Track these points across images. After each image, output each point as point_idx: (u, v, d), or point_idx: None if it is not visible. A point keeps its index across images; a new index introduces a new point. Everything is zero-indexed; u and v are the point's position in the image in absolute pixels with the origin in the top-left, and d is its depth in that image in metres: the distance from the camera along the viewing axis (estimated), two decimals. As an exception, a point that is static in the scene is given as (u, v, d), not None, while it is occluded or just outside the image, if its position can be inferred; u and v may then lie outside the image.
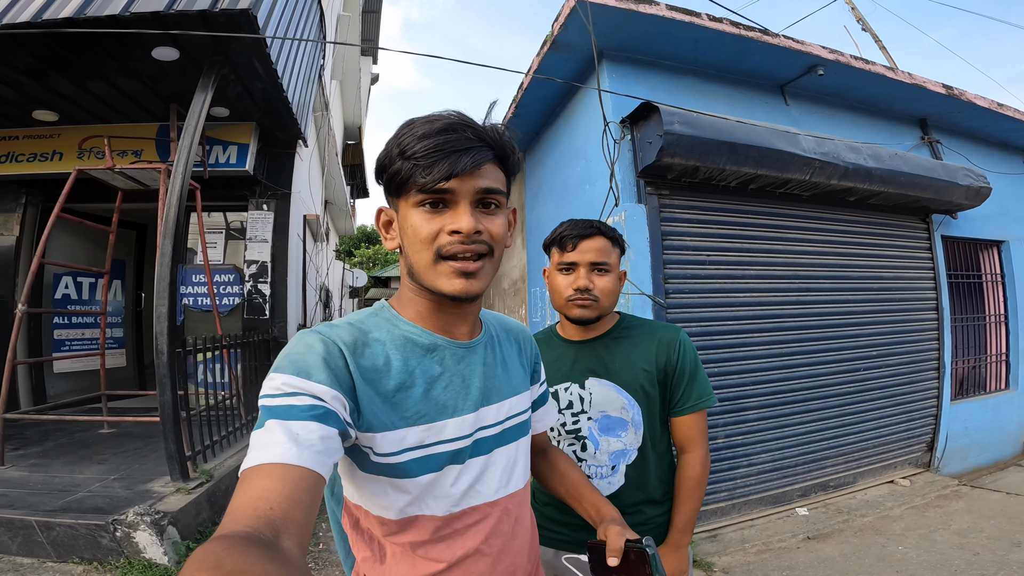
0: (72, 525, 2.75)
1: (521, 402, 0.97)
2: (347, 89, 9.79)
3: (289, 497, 0.56)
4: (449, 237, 0.76)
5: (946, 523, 3.49)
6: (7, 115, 4.65)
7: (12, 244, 5.13)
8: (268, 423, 0.63)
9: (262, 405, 0.67)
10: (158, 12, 3.14)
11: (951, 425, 4.55)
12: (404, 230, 0.79)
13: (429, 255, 0.77)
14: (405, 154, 0.74)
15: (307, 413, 0.64)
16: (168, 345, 3.23)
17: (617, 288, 1.40)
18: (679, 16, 3.33)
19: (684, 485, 1.37)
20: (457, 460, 0.83)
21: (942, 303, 4.60)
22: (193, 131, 3.46)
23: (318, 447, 0.62)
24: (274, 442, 0.61)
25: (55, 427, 4.61)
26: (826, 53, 3.81)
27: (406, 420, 0.78)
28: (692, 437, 1.38)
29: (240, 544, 0.47)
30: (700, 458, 1.37)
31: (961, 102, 4.52)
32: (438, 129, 0.74)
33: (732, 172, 3.43)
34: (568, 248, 1.36)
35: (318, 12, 5.13)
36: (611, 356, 1.41)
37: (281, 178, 5.54)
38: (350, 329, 0.78)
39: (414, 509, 0.80)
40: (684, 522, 1.36)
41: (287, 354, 0.72)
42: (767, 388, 3.74)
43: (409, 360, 0.81)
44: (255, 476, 0.58)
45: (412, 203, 0.77)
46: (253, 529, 0.51)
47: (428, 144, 0.73)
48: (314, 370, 0.69)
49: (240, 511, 0.54)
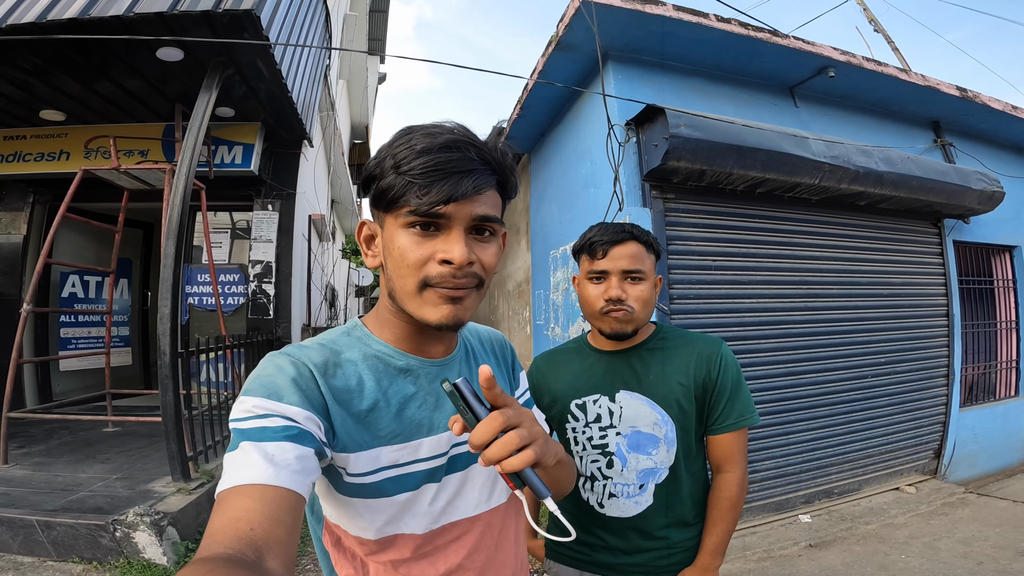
0: (72, 525, 2.77)
1: None
2: (354, 88, 9.80)
3: (270, 517, 0.55)
4: (439, 267, 0.70)
5: (951, 531, 3.45)
6: (15, 115, 4.69)
7: (19, 243, 5.18)
8: (242, 445, 0.62)
9: (234, 428, 0.65)
10: (162, 13, 3.15)
11: (959, 432, 4.49)
12: (389, 250, 0.73)
13: (414, 282, 0.71)
14: (400, 168, 0.68)
15: (280, 434, 0.63)
16: (170, 346, 3.24)
17: (653, 297, 1.31)
18: (686, 16, 3.29)
19: (718, 506, 1.28)
20: (434, 478, 0.81)
21: (953, 309, 4.53)
22: (197, 131, 3.47)
23: (295, 466, 0.61)
24: (250, 463, 0.59)
25: (60, 425, 4.65)
26: (837, 54, 3.76)
27: (379, 440, 0.76)
28: (730, 456, 1.29)
29: (223, 566, 0.46)
30: (738, 479, 1.29)
31: (975, 104, 4.44)
32: (440, 145, 0.68)
33: (739, 176, 3.38)
34: (598, 255, 1.28)
35: (323, 12, 5.13)
36: (646, 369, 1.32)
37: (286, 178, 5.55)
38: (321, 350, 0.76)
39: (392, 528, 0.78)
40: (716, 544, 1.28)
41: (256, 376, 0.69)
42: (772, 395, 3.70)
43: (382, 380, 0.79)
44: (233, 497, 0.57)
45: (401, 222, 0.71)
46: (235, 551, 0.50)
47: (427, 161, 0.67)
48: (285, 392, 0.67)
49: (220, 533, 0.52)
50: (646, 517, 1.30)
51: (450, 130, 0.71)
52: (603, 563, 1.34)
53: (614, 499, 1.32)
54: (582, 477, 1.37)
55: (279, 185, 5.47)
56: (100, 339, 5.69)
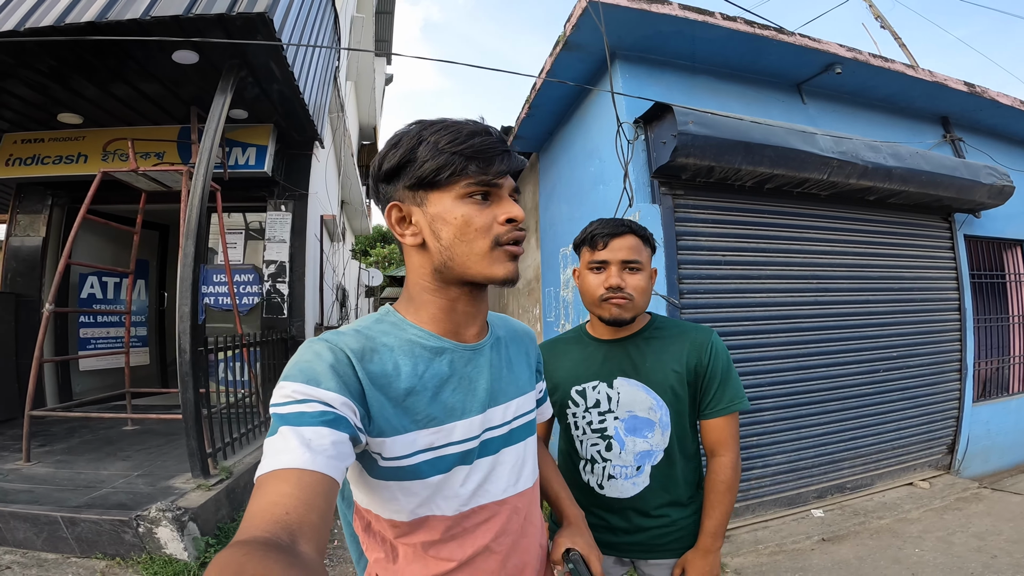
0: (96, 521, 2.81)
1: (527, 402, 0.98)
2: (362, 90, 9.87)
3: (305, 502, 0.57)
4: (504, 226, 0.80)
5: (964, 526, 3.44)
6: (33, 118, 4.77)
7: (39, 244, 5.29)
8: (281, 430, 0.65)
9: (273, 413, 0.67)
10: (178, 16, 3.20)
11: (973, 427, 4.47)
12: (446, 221, 0.79)
13: (486, 243, 0.79)
14: (456, 148, 0.77)
15: (318, 419, 0.65)
16: (190, 344, 3.29)
17: (649, 287, 1.39)
18: (692, 15, 3.31)
19: (715, 489, 1.35)
20: (466, 461, 0.84)
21: (965, 304, 4.51)
22: (213, 133, 3.52)
23: (330, 452, 0.63)
24: (287, 448, 0.62)
25: (81, 424, 4.74)
26: (844, 51, 3.76)
27: (416, 423, 0.79)
28: (723, 440, 1.37)
29: (259, 549, 0.48)
30: (731, 462, 1.36)
31: (983, 100, 4.42)
32: (482, 130, 0.79)
33: (748, 172, 3.40)
34: (599, 247, 1.35)
35: (332, 14, 5.18)
36: (642, 356, 1.40)
37: (298, 179, 5.62)
38: (357, 336, 0.79)
39: (424, 510, 0.81)
40: (715, 527, 1.34)
41: (296, 363, 0.72)
42: (784, 389, 3.71)
43: (418, 364, 0.81)
44: (270, 482, 0.59)
45: (459, 195, 0.79)
46: (271, 534, 0.52)
47: (484, 142, 0.78)
48: (323, 377, 0.70)
49: (257, 517, 0.55)
50: (643, 497, 1.38)
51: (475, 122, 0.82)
52: (605, 542, 1.40)
53: (613, 480, 1.40)
54: (583, 460, 1.45)
55: (292, 186, 5.54)
56: (119, 339, 5.79)
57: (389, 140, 0.83)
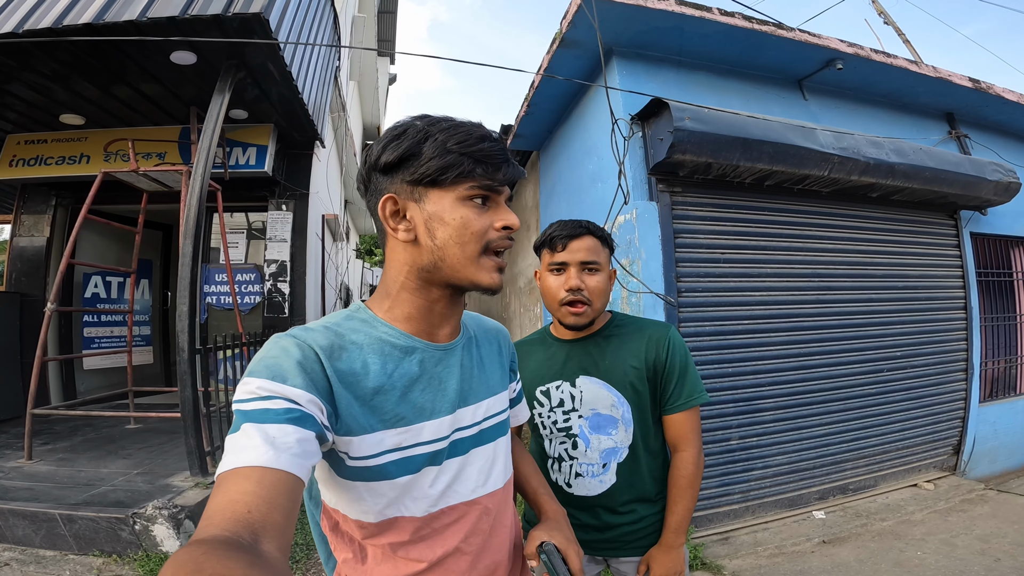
0: (93, 518, 2.82)
1: (499, 402, 0.97)
2: (365, 89, 9.89)
3: (268, 500, 0.56)
4: (499, 232, 0.80)
5: (969, 528, 3.39)
6: (36, 119, 4.81)
7: (43, 244, 5.34)
8: (243, 427, 0.63)
9: (236, 409, 0.66)
10: (174, 17, 3.21)
11: (979, 427, 4.40)
12: (441, 221, 0.78)
13: (477, 248, 0.79)
14: (465, 150, 0.76)
15: (283, 416, 0.64)
16: (188, 344, 3.30)
17: (608, 287, 1.39)
18: (689, 11, 3.28)
19: (677, 484, 1.36)
20: (435, 462, 0.83)
21: (971, 302, 4.45)
22: (211, 134, 3.53)
23: (295, 449, 0.61)
24: (250, 445, 0.60)
25: (84, 422, 4.78)
26: (844, 47, 3.71)
27: (384, 423, 0.78)
28: (684, 435, 1.38)
29: (219, 548, 0.47)
30: (693, 456, 1.37)
31: (989, 96, 4.36)
32: (490, 136, 0.79)
33: (746, 168, 3.36)
34: (558, 248, 1.36)
35: (331, 15, 5.19)
36: (601, 354, 1.41)
37: (299, 179, 5.64)
38: (326, 332, 0.78)
39: (392, 511, 0.80)
40: (677, 522, 1.35)
41: (261, 358, 0.70)
42: (784, 389, 3.67)
43: (387, 363, 0.80)
44: (232, 479, 0.57)
45: (460, 196, 0.78)
46: (232, 533, 0.50)
47: (492, 147, 0.78)
48: (289, 374, 0.68)
49: (217, 515, 0.53)
50: (611, 495, 1.39)
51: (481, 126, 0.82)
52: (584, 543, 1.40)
53: (580, 478, 1.42)
54: (550, 459, 1.47)
55: (293, 186, 5.56)
56: (122, 338, 5.83)
57: (390, 131, 0.81)
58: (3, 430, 4.54)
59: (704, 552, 3.12)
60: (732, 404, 3.49)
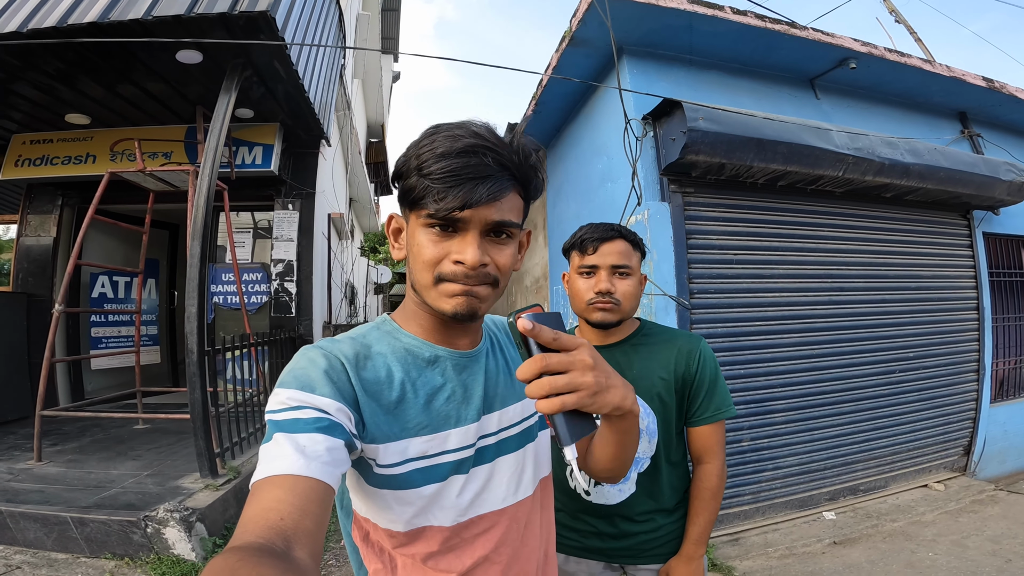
0: (105, 521, 2.82)
1: (527, 407, 0.95)
2: (369, 87, 9.85)
3: (299, 508, 0.57)
4: (452, 266, 0.73)
5: (980, 529, 3.38)
6: (41, 119, 4.80)
7: (50, 245, 5.33)
8: (275, 436, 0.64)
9: (269, 420, 0.67)
10: (179, 16, 3.19)
11: (990, 428, 4.39)
12: (411, 245, 0.78)
13: (430, 277, 0.75)
14: (422, 171, 0.71)
15: (312, 425, 0.65)
16: (197, 344, 3.29)
17: (638, 292, 1.38)
18: (701, 9, 3.25)
19: (700, 496, 1.35)
20: (461, 470, 0.82)
21: (983, 302, 4.42)
22: (218, 133, 3.52)
23: (325, 458, 0.63)
24: (282, 454, 0.62)
25: (92, 423, 4.77)
26: (858, 46, 3.67)
27: (408, 431, 0.78)
28: (710, 448, 1.36)
29: (253, 555, 0.47)
30: (717, 469, 1.36)
31: (1002, 95, 4.32)
32: (459, 150, 0.69)
33: (760, 169, 3.34)
34: (588, 251, 1.35)
35: (336, 12, 5.16)
36: (629, 363, 1.38)
37: (305, 177, 5.62)
38: (352, 343, 0.79)
39: (421, 520, 0.80)
40: (699, 533, 1.35)
41: (291, 369, 0.72)
42: (796, 390, 3.66)
43: (410, 372, 0.81)
44: (265, 488, 0.59)
45: (422, 222, 0.74)
46: (265, 540, 0.51)
47: (446, 167, 0.69)
48: (317, 384, 0.70)
49: (251, 523, 0.54)
50: (629, 504, 1.38)
51: (473, 132, 0.72)
52: (594, 548, 1.42)
53: (599, 487, 1.39)
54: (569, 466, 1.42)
55: (298, 185, 5.54)
56: (130, 338, 5.83)
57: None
58: (11, 431, 4.54)
59: (715, 553, 3.12)
60: (744, 405, 3.47)
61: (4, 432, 4.50)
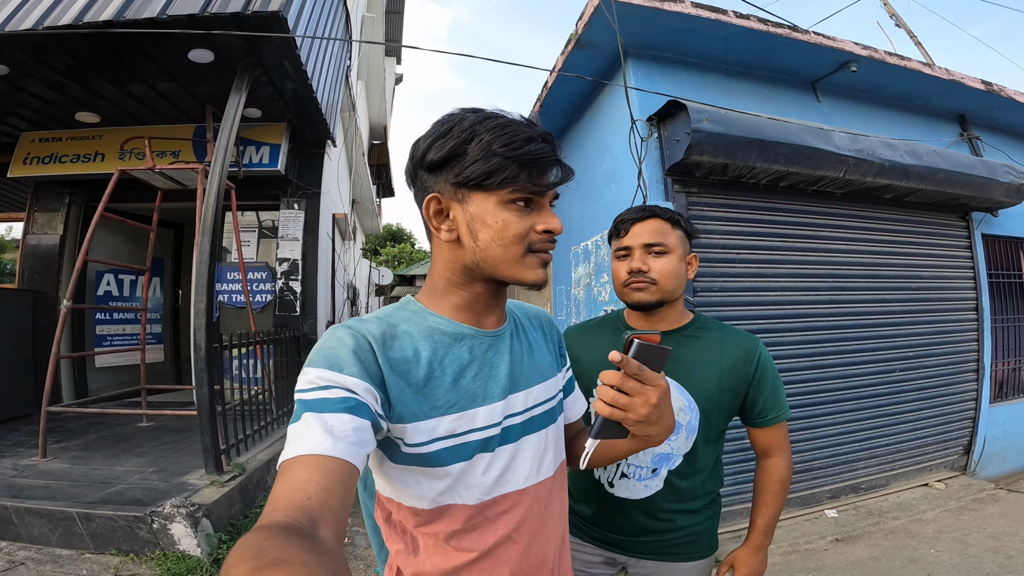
0: (111, 517, 2.80)
1: (550, 388, 0.97)
2: (372, 90, 9.90)
3: (326, 487, 0.58)
4: (540, 235, 0.81)
5: (980, 526, 3.41)
6: (51, 117, 4.83)
7: (56, 242, 5.34)
8: (304, 416, 0.65)
9: (298, 399, 0.68)
10: (194, 15, 3.23)
11: (989, 428, 4.42)
12: (484, 223, 0.79)
13: (519, 249, 0.79)
14: (511, 153, 0.75)
15: (340, 405, 0.66)
16: (205, 341, 3.30)
17: (680, 270, 1.32)
18: (705, 13, 3.30)
19: (768, 488, 1.35)
20: (487, 448, 0.83)
21: (982, 303, 4.46)
22: (229, 132, 3.54)
23: (352, 438, 0.64)
24: (310, 434, 0.63)
25: (97, 420, 4.78)
26: (859, 49, 3.73)
27: (437, 409, 0.79)
28: (777, 443, 1.36)
29: (280, 534, 0.49)
30: (786, 462, 1.36)
31: (1000, 98, 4.37)
32: (540, 136, 0.78)
33: (762, 170, 3.38)
34: (622, 233, 1.35)
35: (344, 13, 5.20)
36: (683, 353, 1.33)
37: (311, 177, 5.65)
38: (378, 323, 0.80)
39: (447, 498, 0.81)
40: (766, 524, 1.35)
41: (319, 348, 0.74)
42: (797, 388, 3.69)
43: (438, 350, 0.82)
44: (293, 467, 0.60)
45: (503, 199, 0.78)
46: (292, 519, 0.53)
47: (539, 149, 0.77)
48: (345, 363, 0.71)
49: (280, 501, 0.56)
50: (653, 501, 1.34)
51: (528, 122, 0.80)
52: (604, 539, 1.40)
53: (625, 480, 1.35)
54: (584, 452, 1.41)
55: (304, 184, 5.57)
56: (134, 336, 5.85)
57: (436, 125, 0.81)
58: (16, 428, 4.54)
59: (718, 550, 3.13)
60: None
61: (9, 429, 4.49)
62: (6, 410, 4.71)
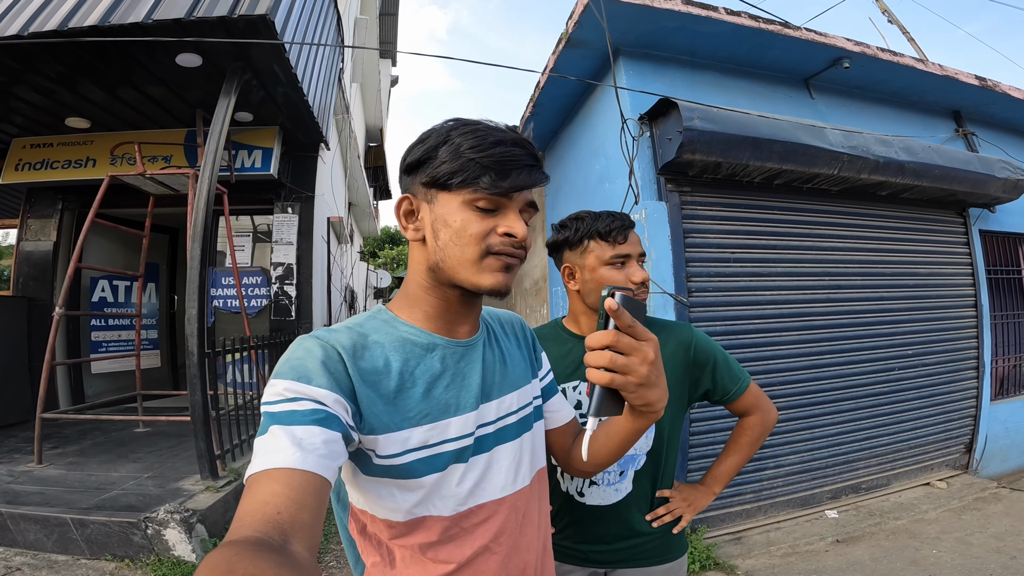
0: (106, 523, 2.82)
1: (523, 396, 0.95)
2: (367, 92, 9.89)
3: (296, 501, 0.56)
4: (501, 238, 0.79)
5: (983, 526, 3.37)
6: (42, 122, 4.81)
7: (50, 248, 5.34)
8: (271, 429, 0.64)
9: (265, 412, 0.66)
10: (180, 19, 3.21)
11: (991, 426, 4.38)
12: (446, 223, 0.79)
13: (476, 251, 0.77)
14: (474, 155, 0.76)
15: (309, 417, 0.65)
16: (198, 347, 3.30)
17: None
18: (695, 11, 3.27)
19: (736, 440, 1.39)
20: (461, 459, 0.82)
21: (981, 300, 4.43)
22: (218, 136, 3.53)
23: (322, 451, 0.62)
24: (278, 447, 0.61)
25: (93, 426, 4.77)
26: (851, 45, 3.70)
27: (409, 420, 0.78)
28: (752, 404, 1.37)
29: (250, 549, 0.47)
30: (759, 419, 1.37)
31: (995, 93, 4.34)
32: (511, 140, 0.78)
33: (756, 168, 3.35)
34: (619, 240, 1.28)
35: (335, 16, 5.19)
36: None
37: (305, 181, 5.63)
38: (348, 333, 0.79)
39: (421, 510, 0.79)
40: (724, 471, 1.39)
41: (287, 359, 0.72)
42: (795, 388, 3.66)
43: (409, 360, 0.81)
44: (261, 481, 0.58)
45: (464, 201, 0.77)
46: (262, 534, 0.51)
47: (505, 152, 0.76)
48: (314, 375, 0.69)
49: (248, 516, 0.54)
50: (626, 504, 1.32)
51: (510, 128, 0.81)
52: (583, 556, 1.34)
53: (595, 487, 1.33)
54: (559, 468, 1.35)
55: (298, 188, 5.55)
56: (130, 342, 5.84)
57: (421, 134, 0.83)
58: (12, 434, 4.54)
59: (717, 552, 3.11)
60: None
61: (5, 435, 4.50)
62: (2, 416, 4.72)
